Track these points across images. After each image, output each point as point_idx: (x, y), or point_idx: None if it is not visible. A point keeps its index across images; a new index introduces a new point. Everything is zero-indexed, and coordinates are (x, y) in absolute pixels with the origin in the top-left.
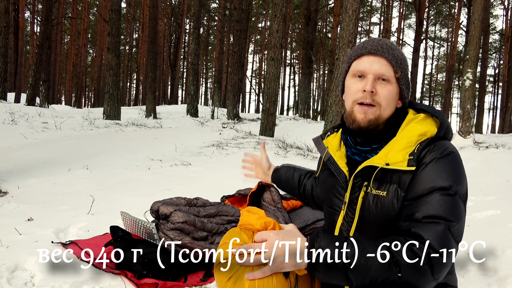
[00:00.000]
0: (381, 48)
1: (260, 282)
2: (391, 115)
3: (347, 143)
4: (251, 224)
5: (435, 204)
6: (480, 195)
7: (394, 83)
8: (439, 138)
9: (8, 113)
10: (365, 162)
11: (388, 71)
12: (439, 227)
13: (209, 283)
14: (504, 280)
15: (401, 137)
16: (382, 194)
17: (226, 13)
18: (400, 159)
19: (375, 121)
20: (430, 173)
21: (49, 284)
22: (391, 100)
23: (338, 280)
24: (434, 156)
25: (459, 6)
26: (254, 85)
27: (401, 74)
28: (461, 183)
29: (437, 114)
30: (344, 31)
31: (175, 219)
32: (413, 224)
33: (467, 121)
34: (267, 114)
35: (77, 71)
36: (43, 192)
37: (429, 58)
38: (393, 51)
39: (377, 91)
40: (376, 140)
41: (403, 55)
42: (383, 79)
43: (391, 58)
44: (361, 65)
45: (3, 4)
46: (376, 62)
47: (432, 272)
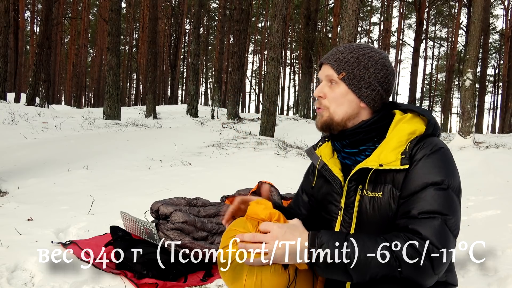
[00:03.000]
0: (329, 56)
1: (258, 269)
2: (355, 116)
3: (335, 148)
4: (256, 214)
5: (429, 199)
6: (480, 195)
7: (341, 84)
8: (428, 135)
9: (8, 113)
10: (358, 165)
11: (332, 74)
12: (436, 221)
13: (209, 283)
14: (504, 280)
15: (391, 138)
16: (378, 196)
17: (226, 13)
18: (392, 159)
19: (325, 122)
20: (421, 170)
21: (49, 284)
22: (341, 101)
23: (339, 276)
24: (425, 152)
25: (459, 6)
26: (254, 85)
27: (346, 75)
28: (453, 177)
29: (423, 112)
30: (344, 31)
31: (175, 219)
32: (410, 221)
33: (467, 121)
34: (267, 114)
35: (77, 71)
36: (43, 192)
37: (429, 58)
38: (340, 54)
39: (326, 95)
40: (360, 141)
41: (355, 55)
42: (332, 82)
43: (333, 63)
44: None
45: (3, 4)
46: (325, 69)
47: (432, 266)
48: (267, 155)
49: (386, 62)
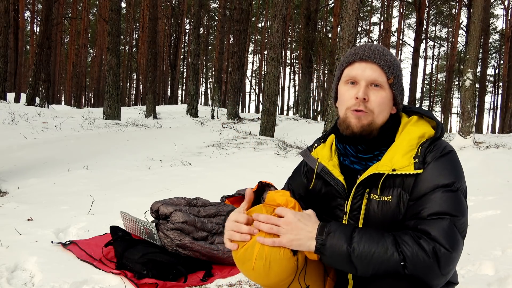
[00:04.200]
0: (373, 54)
1: (268, 251)
2: (385, 121)
3: (346, 152)
4: (274, 200)
5: (438, 200)
6: (480, 195)
7: (387, 89)
8: (436, 138)
9: (8, 113)
10: (369, 170)
11: (380, 77)
12: (445, 222)
13: (209, 283)
14: (504, 280)
15: (401, 141)
16: (387, 199)
17: (226, 13)
18: (406, 164)
19: (368, 126)
20: (432, 172)
21: (49, 284)
22: (384, 106)
23: (343, 266)
24: (434, 155)
25: (459, 6)
26: (254, 85)
27: (394, 80)
28: (462, 180)
29: (428, 114)
30: (344, 31)
31: (175, 219)
32: (419, 221)
33: (467, 121)
34: (267, 114)
35: (77, 71)
36: (43, 192)
37: (429, 58)
38: (385, 56)
39: (370, 98)
40: (377, 146)
41: (396, 60)
42: (375, 85)
43: (383, 64)
44: (353, 71)
45: (3, 4)
46: (368, 68)
47: (439, 266)
48: (267, 155)
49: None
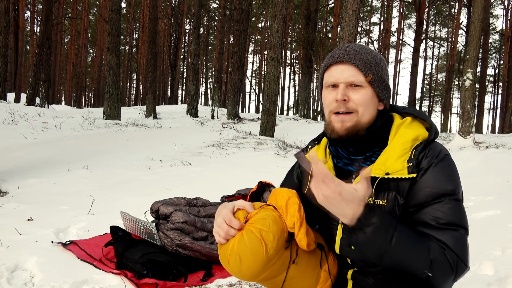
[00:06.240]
0: (348, 55)
1: (238, 247)
2: (374, 119)
3: (338, 154)
4: (275, 199)
5: (446, 210)
6: (480, 195)
7: (367, 87)
8: (430, 141)
9: (8, 113)
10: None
11: (357, 76)
12: (458, 234)
13: (209, 283)
14: (504, 280)
15: (395, 144)
16: (382, 203)
17: (226, 13)
18: (399, 167)
19: (352, 128)
20: (431, 179)
21: (49, 284)
22: (368, 104)
23: (370, 254)
24: (431, 160)
25: (459, 6)
26: (254, 85)
27: (372, 77)
28: (460, 185)
29: (422, 116)
30: (344, 31)
31: (175, 219)
32: (429, 230)
33: (467, 121)
34: (267, 114)
35: (77, 71)
36: (43, 192)
37: (429, 58)
38: (360, 55)
39: (350, 98)
40: (368, 147)
41: (375, 56)
42: (355, 85)
43: (358, 63)
44: (331, 75)
45: (3, 4)
46: (345, 70)
47: (454, 278)
48: (267, 155)
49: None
